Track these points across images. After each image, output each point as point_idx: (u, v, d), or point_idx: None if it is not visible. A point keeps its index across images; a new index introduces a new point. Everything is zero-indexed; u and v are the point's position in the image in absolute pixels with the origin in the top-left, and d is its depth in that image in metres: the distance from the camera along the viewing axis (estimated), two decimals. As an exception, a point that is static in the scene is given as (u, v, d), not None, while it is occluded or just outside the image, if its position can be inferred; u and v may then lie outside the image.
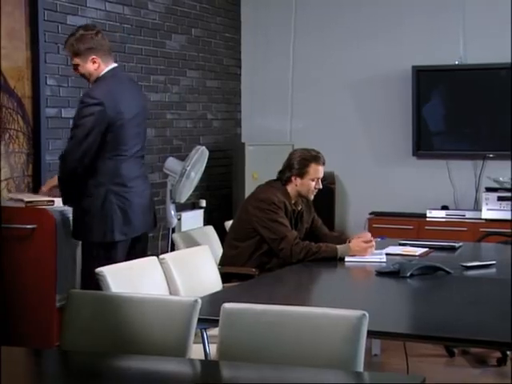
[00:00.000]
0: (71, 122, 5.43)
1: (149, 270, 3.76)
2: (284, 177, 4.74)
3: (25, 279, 4.59)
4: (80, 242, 4.55)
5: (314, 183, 4.72)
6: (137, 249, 4.49)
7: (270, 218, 4.58)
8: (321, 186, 4.78)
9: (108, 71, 4.42)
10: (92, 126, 4.26)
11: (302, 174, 4.70)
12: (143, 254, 4.32)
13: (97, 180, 4.34)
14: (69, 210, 4.65)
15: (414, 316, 3.59)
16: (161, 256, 3.87)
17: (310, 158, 4.73)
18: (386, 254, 4.54)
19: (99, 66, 4.40)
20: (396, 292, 3.97)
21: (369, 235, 4.67)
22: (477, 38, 6.83)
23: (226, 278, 4.39)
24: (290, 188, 4.72)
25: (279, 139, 7.37)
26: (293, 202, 4.73)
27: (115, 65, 4.49)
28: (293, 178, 4.71)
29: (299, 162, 4.72)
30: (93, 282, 4.23)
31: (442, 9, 6.95)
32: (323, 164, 4.76)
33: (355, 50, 7.20)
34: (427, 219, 6.81)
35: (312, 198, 4.81)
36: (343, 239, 4.74)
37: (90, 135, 4.27)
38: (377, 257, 4.48)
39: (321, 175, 4.76)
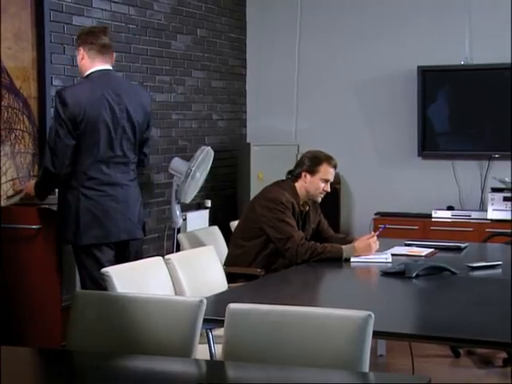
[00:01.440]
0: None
1: (154, 271, 3.76)
2: (294, 173, 4.75)
3: (30, 279, 4.60)
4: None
5: (323, 185, 4.72)
6: (125, 256, 4.42)
7: (278, 218, 4.58)
8: (329, 189, 4.78)
9: (94, 71, 4.38)
10: (59, 125, 4.28)
11: (312, 172, 4.70)
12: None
13: (70, 182, 4.35)
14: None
15: (419, 316, 3.58)
16: (166, 256, 3.88)
17: (322, 157, 4.74)
18: (392, 255, 4.53)
19: (83, 58, 4.40)
20: (401, 292, 3.97)
21: (373, 234, 4.68)
22: (482, 38, 6.82)
23: (231, 278, 4.39)
24: (299, 185, 4.72)
25: (284, 139, 7.36)
26: (301, 202, 4.73)
27: (106, 67, 4.41)
28: (303, 175, 4.71)
29: (311, 159, 4.74)
30: (86, 285, 4.27)
31: (448, 9, 6.95)
32: (335, 167, 4.76)
33: (360, 50, 7.19)
34: (433, 219, 6.80)
35: (319, 200, 4.81)
36: (349, 241, 4.74)
37: (58, 136, 4.28)
38: (382, 257, 4.48)
39: (331, 178, 4.75)
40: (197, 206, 6.69)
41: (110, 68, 4.48)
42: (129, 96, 4.44)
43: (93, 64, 4.40)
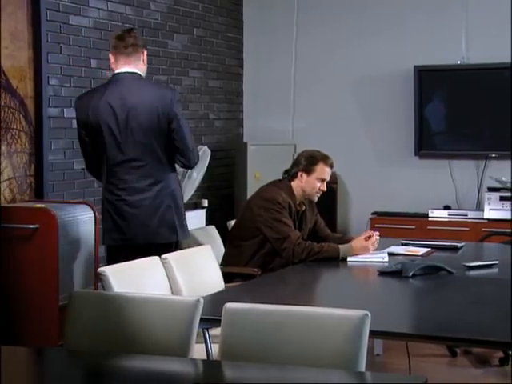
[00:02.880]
0: (73, 121, 5.47)
1: (151, 270, 3.76)
2: (291, 172, 4.75)
3: (27, 279, 4.60)
4: (81, 243, 4.70)
5: (319, 184, 4.72)
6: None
7: (274, 218, 4.58)
8: (325, 189, 4.78)
9: (113, 74, 4.40)
10: (77, 131, 4.48)
11: (308, 171, 4.70)
12: None
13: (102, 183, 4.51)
14: (72, 211, 4.70)
15: (416, 316, 3.58)
16: (163, 256, 3.87)
17: (319, 156, 4.75)
18: (389, 254, 4.53)
19: (112, 63, 4.42)
20: (398, 292, 3.97)
21: (370, 232, 4.68)
22: (479, 38, 6.83)
23: (228, 277, 4.39)
24: (296, 185, 4.72)
25: (281, 139, 7.37)
26: (297, 202, 4.73)
27: (126, 69, 4.35)
28: (299, 174, 4.71)
29: (307, 158, 4.74)
30: None
31: (445, 8, 6.95)
32: (331, 167, 4.76)
33: (357, 49, 7.20)
34: (429, 219, 6.80)
35: (316, 199, 4.81)
36: (346, 240, 4.74)
37: (79, 140, 4.49)
38: (379, 256, 4.48)
39: (327, 177, 4.76)
40: (194, 205, 6.68)
41: (131, 70, 4.36)
42: (136, 98, 4.32)
43: (116, 67, 4.38)
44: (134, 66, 4.37)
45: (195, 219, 6.37)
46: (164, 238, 4.38)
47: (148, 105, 4.30)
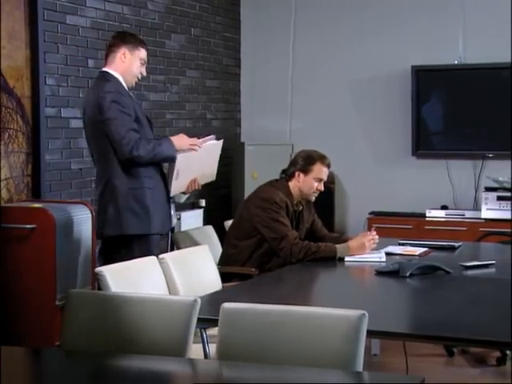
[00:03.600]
0: (71, 121, 5.48)
1: (148, 270, 3.76)
2: (288, 172, 4.75)
3: (24, 279, 4.59)
4: (78, 243, 4.76)
5: (316, 184, 4.72)
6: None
7: (272, 218, 4.58)
8: (322, 189, 4.78)
9: None
10: None
11: (305, 171, 4.70)
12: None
13: None
14: (69, 211, 4.70)
15: (413, 316, 3.59)
16: (160, 256, 3.87)
17: (316, 156, 4.75)
18: (386, 254, 4.54)
19: None
20: (395, 292, 3.97)
21: (368, 233, 4.68)
22: (476, 38, 6.83)
23: (225, 277, 4.39)
24: (293, 185, 4.72)
25: (279, 139, 7.36)
26: (295, 202, 4.73)
27: (103, 68, 4.51)
28: (296, 174, 4.71)
29: (305, 158, 4.74)
30: None
31: (442, 8, 6.95)
32: (328, 167, 4.76)
33: (354, 49, 7.20)
34: (427, 219, 6.81)
35: (313, 199, 4.81)
36: (343, 240, 4.74)
37: None
38: (376, 256, 4.48)
39: (324, 177, 4.76)
40: (191, 205, 6.68)
41: (104, 69, 4.50)
42: (88, 97, 4.55)
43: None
44: (108, 65, 4.51)
45: (193, 219, 6.37)
46: (106, 232, 4.45)
47: (90, 101, 4.45)
